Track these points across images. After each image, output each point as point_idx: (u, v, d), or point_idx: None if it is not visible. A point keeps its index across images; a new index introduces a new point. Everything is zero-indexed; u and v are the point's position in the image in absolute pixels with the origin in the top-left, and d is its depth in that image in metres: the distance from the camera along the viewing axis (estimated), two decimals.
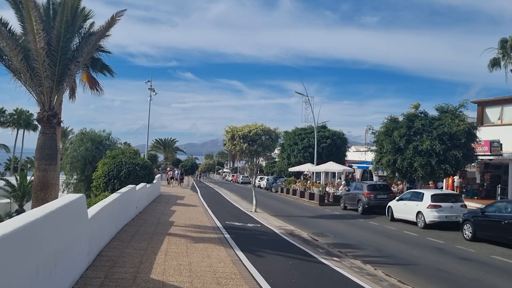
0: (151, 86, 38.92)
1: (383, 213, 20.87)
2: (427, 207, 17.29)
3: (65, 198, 6.34)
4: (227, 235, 12.32)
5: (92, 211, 7.97)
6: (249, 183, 58.83)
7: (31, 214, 4.53)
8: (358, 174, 42.49)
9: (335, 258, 10.57)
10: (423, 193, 18.28)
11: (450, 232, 16.24)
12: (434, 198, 17.55)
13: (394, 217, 19.51)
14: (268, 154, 42.75)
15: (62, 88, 12.07)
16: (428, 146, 20.35)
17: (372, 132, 24.20)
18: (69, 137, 53.46)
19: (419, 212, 17.68)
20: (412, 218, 18.10)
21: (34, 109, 12.20)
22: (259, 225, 15.88)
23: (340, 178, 41.08)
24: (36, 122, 12.47)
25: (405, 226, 17.76)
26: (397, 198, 20.42)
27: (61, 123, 13.03)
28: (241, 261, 8.92)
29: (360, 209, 23.14)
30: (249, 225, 15.72)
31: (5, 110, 55.48)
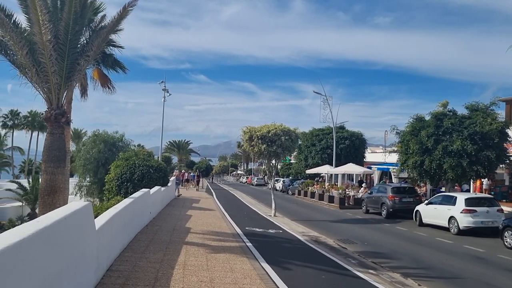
0: (165, 87, 38.08)
1: (409, 217, 19.69)
2: (461, 212, 16.07)
3: (67, 207, 5.39)
4: (249, 244, 11.29)
5: (101, 220, 7.02)
6: (264, 185, 58.12)
7: (19, 231, 3.56)
8: (376, 176, 41.15)
9: (371, 271, 9.49)
10: (456, 197, 17.02)
11: (487, 239, 15.04)
12: (468, 202, 16.30)
13: (423, 222, 18.29)
14: (288, 157, 41.57)
15: (71, 85, 11.20)
16: (459, 146, 19.10)
17: (397, 132, 22.97)
18: (83, 139, 53.14)
19: (451, 217, 16.45)
20: (444, 223, 16.88)
21: None
22: (281, 231, 14.84)
23: (352, 180, 39.82)
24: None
25: (436, 232, 16.57)
26: (426, 201, 19.17)
27: (71, 123, 12.19)
28: (269, 275, 7.89)
29: (384, 213, 21.93)
30: (270, 231, 14.68)
31: (20, 112, 55.38)
